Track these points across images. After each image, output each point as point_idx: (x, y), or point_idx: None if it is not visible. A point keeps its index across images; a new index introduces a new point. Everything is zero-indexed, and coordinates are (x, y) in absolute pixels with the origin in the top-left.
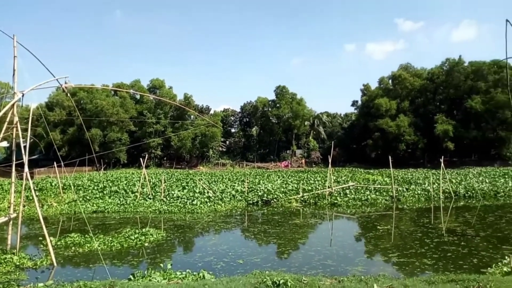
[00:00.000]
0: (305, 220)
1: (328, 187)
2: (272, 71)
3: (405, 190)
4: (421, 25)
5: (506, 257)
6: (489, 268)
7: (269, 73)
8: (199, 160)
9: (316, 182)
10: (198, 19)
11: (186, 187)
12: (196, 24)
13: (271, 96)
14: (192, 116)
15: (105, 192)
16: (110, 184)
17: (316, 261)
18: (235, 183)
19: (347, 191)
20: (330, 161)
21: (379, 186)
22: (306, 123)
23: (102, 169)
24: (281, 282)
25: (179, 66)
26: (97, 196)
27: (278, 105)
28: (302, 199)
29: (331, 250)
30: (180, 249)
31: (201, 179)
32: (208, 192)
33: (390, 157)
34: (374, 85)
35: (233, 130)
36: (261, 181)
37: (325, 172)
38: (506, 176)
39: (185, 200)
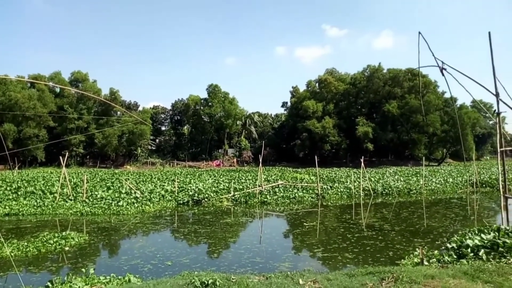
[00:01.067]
0: (236, 218)
1: (259, 186)
2: (205, 69)
3: (329, 188)
4: (345, 32)
5: (417, 249)
6: (402, 260)
7: (202, 71)
8: (126, 159)
9: (247, 181)
10: (130, 13)
11: (111, 188)
12: (124, 17)
13: (204, 95)
14: (118, 113)
15: (19, 193)
16: (26, 184)
17: (246, 259)
18: (164, 182)
19: (276, 190)
20: (260, 160)
21: (306, 184)
22: (238, 123)
23: (16, 168)
24: (209, 282)
25: (104, 60)
26: (10, 197)
27: (210, 103)
28: (233, 198)
29: (260, 247)
30: (104, 252)
31: (128, 179)
32: (135, 193)
33: (316, 156)
34: (302, 87)
35: (163, 128)
36: (192, 181)
37: (256, 171)
38: (418, 175)
39: (110, 201)
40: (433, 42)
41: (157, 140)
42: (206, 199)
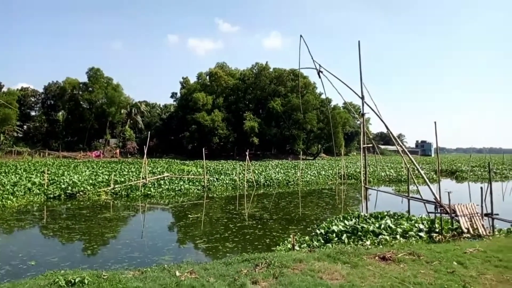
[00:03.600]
0: (116, 213)
1: (143, 178)
2: (87, 51)
3: (215, 180)
4: (237, 29)
5: (291, 236)
6: (277, 246)
7: (83, 52)
8: None
9: (130, 173)
10: None
11: None
12: None
13: (83, 78)
14: None
15: None
16: None
17: (123, 254)
18: (32, 174)
19: (162, 182)
20: (145, 151)
21: (192, 176)
22: (122, 111)
23: None
24: (77, 280)
25: None
26: None
27: (90, 89)
28: (113, 191)
29: (140, 242)
30: None
31: None
32: None
33: (204, 149)
34: (193, 79)
35: (33, 113)
36: (66, 173)
37: (140, 163)
38: (296, 168)
39: None
40: (318, 46)
41: (25, 126)
42: (81, 193)
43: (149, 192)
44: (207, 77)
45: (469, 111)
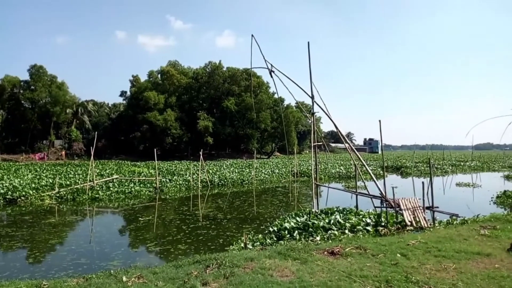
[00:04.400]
0: (62, 218)
1: (90, 181)
2: (28, 46)
3: (168, 181)
4: (190, 27)
5: (244, 235)
6: (231, 246)
7: (24, 48)
8: None
9: (77, 176)
10: None
11: None
12: None
13: (25, 76)
14: None
15: None
16: None
17: (69, 261)
18: None
19: (110, 184)
20: (92, 153)
21: (143, 178)
22: (68, 111)
23: None
24: None
25: None
26: None
27: (33, 87)
28: (58, 195)
29: (87, 247)
30: None
31: None
32: None
33: (156, 149)
34: (144, 77)
35: None
36: (5, 177)
37: (88, 165)
38: (250, 167)
39: None
40: (271, 46)
41: None
42: (23, 198)
43: (97, 196)
44: (159, 76)
45: (413, 111)
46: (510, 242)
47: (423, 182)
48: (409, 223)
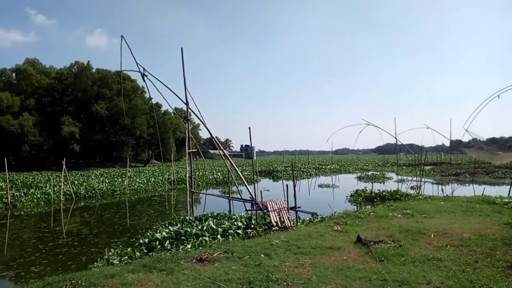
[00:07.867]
0: None
1: None
2: None
3: (23, 195)
4: (55, 23)
5: (107, 250)
6: (94, 263)
7: None
8: None
9: None
10: None
11: None
12: None
13: None
14: None
15: None
16: None
17: None
18: None
19: None
20: None
21: None
22: None
23: None
24: None
25: None
26: None
27: None
28: None
29: None
30: None
31: None
32: None
33: (7, 159)
34: None
35: None
36: None
37: None
38: (124, 176)
39: None
40: (147, 49)
41: None
42: None
43: None
44: (13, 75)
45: (284, 119)
46: (356, 235)
47: (287, 185)
48: (275, 224)
